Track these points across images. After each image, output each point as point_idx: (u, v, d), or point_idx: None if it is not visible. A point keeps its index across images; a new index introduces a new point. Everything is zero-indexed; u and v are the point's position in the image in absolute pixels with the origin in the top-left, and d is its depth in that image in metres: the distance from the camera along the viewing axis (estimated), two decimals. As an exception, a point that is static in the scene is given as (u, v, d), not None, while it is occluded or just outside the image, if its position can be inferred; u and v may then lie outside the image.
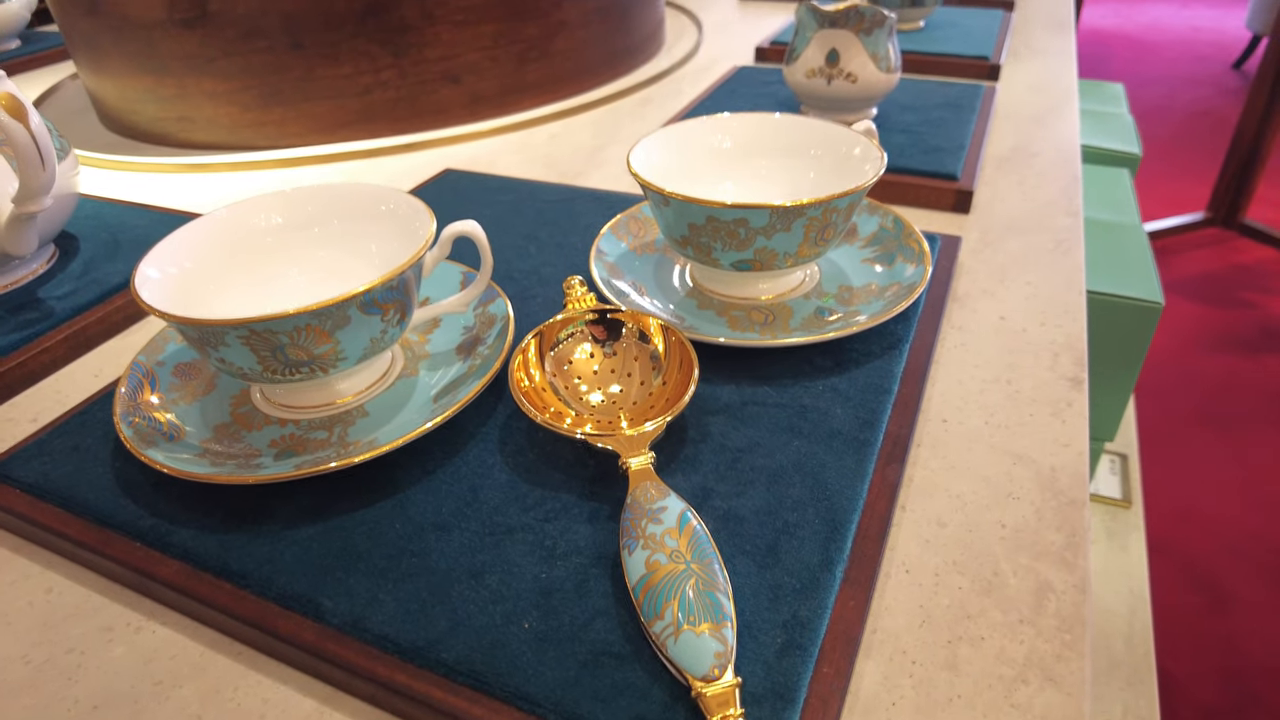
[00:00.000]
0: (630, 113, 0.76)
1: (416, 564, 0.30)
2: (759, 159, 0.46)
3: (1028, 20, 1.00)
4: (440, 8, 0.70)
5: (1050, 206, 0.56)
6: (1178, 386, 1.73)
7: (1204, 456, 1.52)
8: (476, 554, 0.30)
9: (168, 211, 0.59)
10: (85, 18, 0.73)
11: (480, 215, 0.55)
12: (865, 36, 0.60)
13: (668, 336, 0.36)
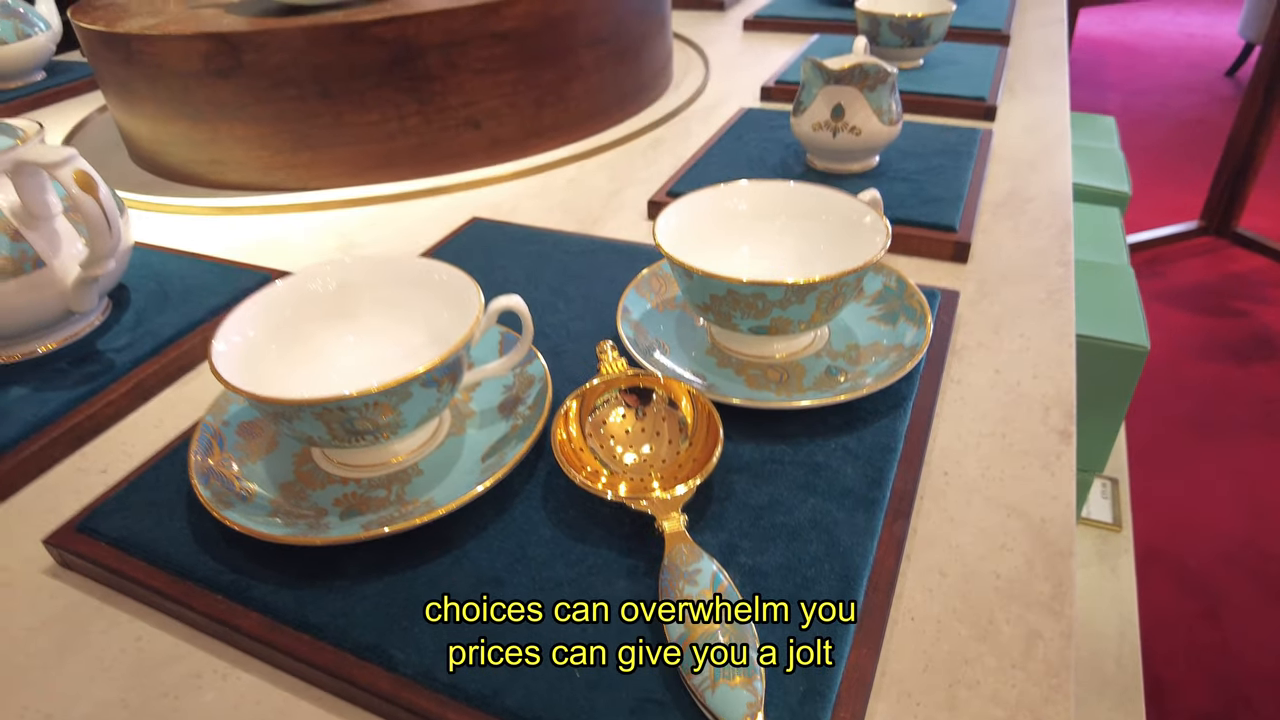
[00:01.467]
0: (642, 154, 0.80)
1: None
2: (774, 219, 0.50)
3: (1024, 52, 1.04)
4: (463, 57, 0.73)
5: (1043, 255, 0.60)
6: (1171, 395, 1.77)
7: (1197, 464, 1.56)
8: (529, 607, 0.33)
9: (210, 260, 0.63)
10: (121, 65, 0.77)
11: (509, 267, 0.59)
12: (869, 92, 0.63)
13: (695, 404, 0.39)
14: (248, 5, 0.79)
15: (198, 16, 0.77)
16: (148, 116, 0.79)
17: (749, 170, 0.70)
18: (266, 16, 0.74)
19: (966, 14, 1.12)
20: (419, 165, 0.77)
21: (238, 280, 0.59)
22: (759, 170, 0.70)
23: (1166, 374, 1.84)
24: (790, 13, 1.16)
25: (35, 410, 0.48)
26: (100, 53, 0.79)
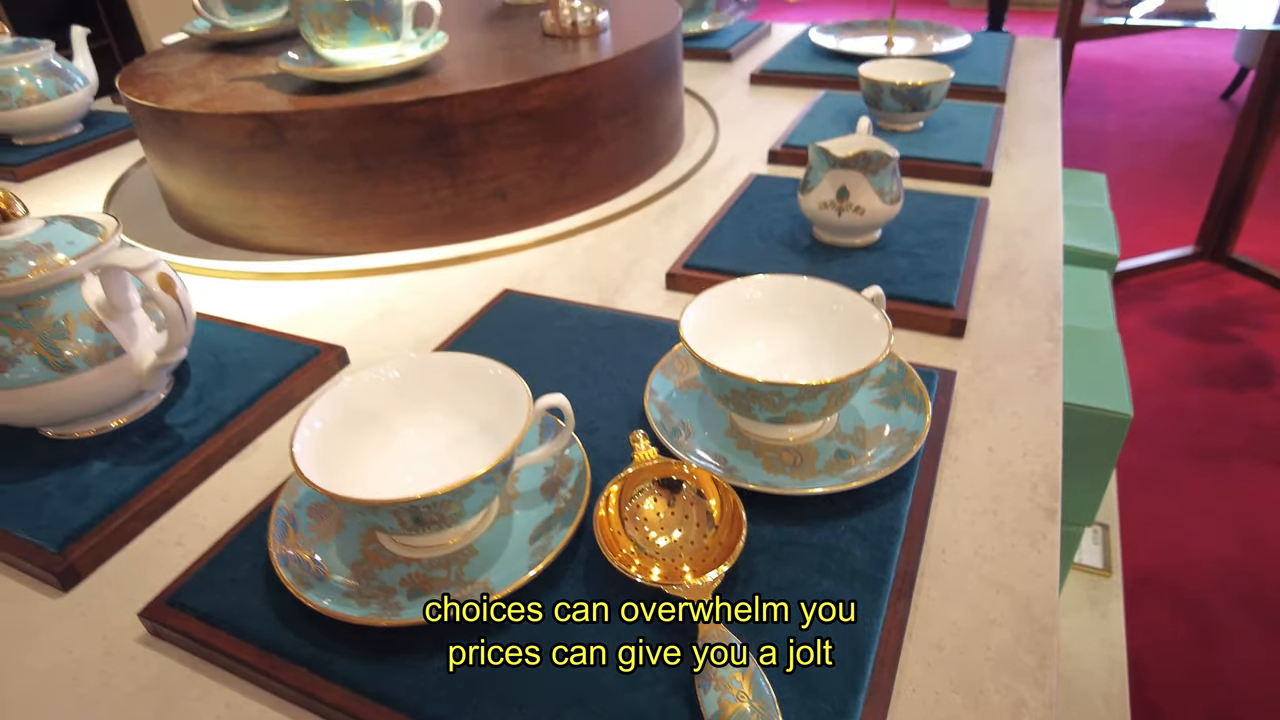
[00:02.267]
0: (656, 221, 0.85)
1: (532, 690, 0.38)
2: (788, 307, 0.54)
3: (1018, 110, 1.09)
4: (492, 134, 0.78)
5: (1034, 329, 0.65)
6: (1166, 421, 1.82)
7: (1191, 490, 1.61)
8: (578, 681, 0.38)
9: (260, 331, 0.67)
10: (169, 137, 0.82)
11: (540, 342, 0.64)
12: (872, 176, 0.68)
13: (721, 493, 0.44)
14: (286, 80, 0.84)
15: (240, 92, 0.82)
16: (191, 183, 0.84)
17: (759, 241, 0.75)
18: (305, 94, 0.79)
19: (964, 69, 1.17)
20: (449, 232, 0.82)
21: (288, 354, 0.64)
22: (768, 241, 0.75)
23: (1162, 400, 1.89)
24: (795, 67, 1.22)
25: (116, 486, 0.53)
26: (148, 124, 0.84)
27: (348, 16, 0.76)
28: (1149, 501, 1.56)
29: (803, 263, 0.71)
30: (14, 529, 0.50)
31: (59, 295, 0.52)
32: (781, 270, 0.70)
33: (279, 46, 1.00)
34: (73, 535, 0.49)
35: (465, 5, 1.12)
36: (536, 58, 0.84)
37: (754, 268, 0.71)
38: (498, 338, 0.65)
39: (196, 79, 0.89)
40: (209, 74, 0.90)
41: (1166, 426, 1.79)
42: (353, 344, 0.68)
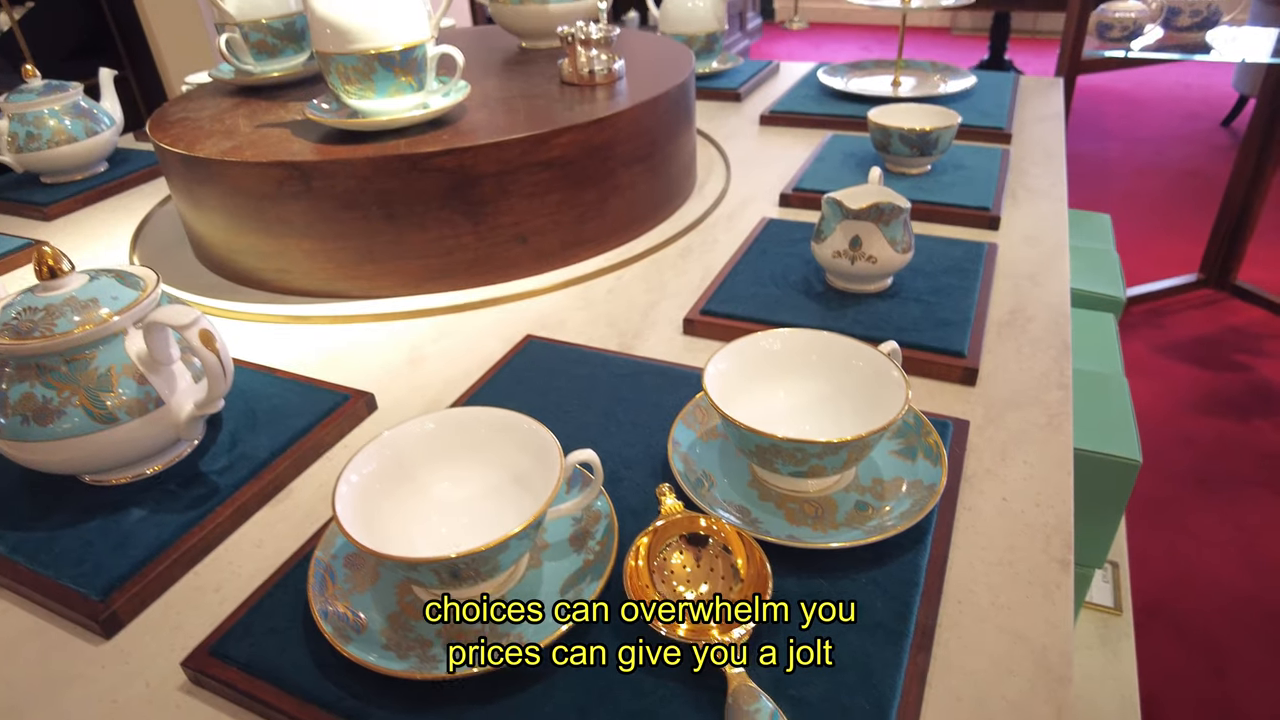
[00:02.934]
0: (673, 265, 0.87)
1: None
2: (809, 359, 0.56)
3: (1024, 152, 1.11)
4: (515, 184, 0.81)
5: (1044, 378, 0.67)
6: (1173, 450, 1.83)
7: (1199, 519, 1.61)
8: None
9: (291, 377, 0.69)
10: (199, 183, 0.85)
11: (562, 389, 0.65)
12: (884, 227, 0.70)
13: (746, 547, 0.46)
14: (311, 127, 0.87)
15: (268, 139, 0.84)
16: (219, 227, 0.87)
17: (773, 287, 0.77)
18: (331, 142, 0.82)
19: (970, 110, 1.20)
20: (472, 276, 0.84)
21: (318, 400, 0.66)
22: (782, 287, 0.77)
23: (1167, 429, 1.90)
24: (803, 108, 1.24)
25: (155, 534, 0.54)
26: (177, 169, 0.87)
27: (374, 69, 0.78)
28: (1156, 533, 1.57)
29: (817, 309, 0.73)
30: (57, 576, 0.52)
31: (103, 349, 0.54)
32: (796, 316, 0.72)
33: (301, 91, 1.03)
34: (114, 583, 0.51)
35: (483, 50, 1.15)
36: (556, 107, 0.86)
37: (769, 314, 0.72)
38: (522, 385, 0.66)
39: (225, 124, 0.91)
40: (236, 119, 0.93)
41: (1172, 455, 1.80)
42: (381, 389, 0.70)
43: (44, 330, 0.53)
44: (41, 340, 0.52)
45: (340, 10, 0.76)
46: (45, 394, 0.53)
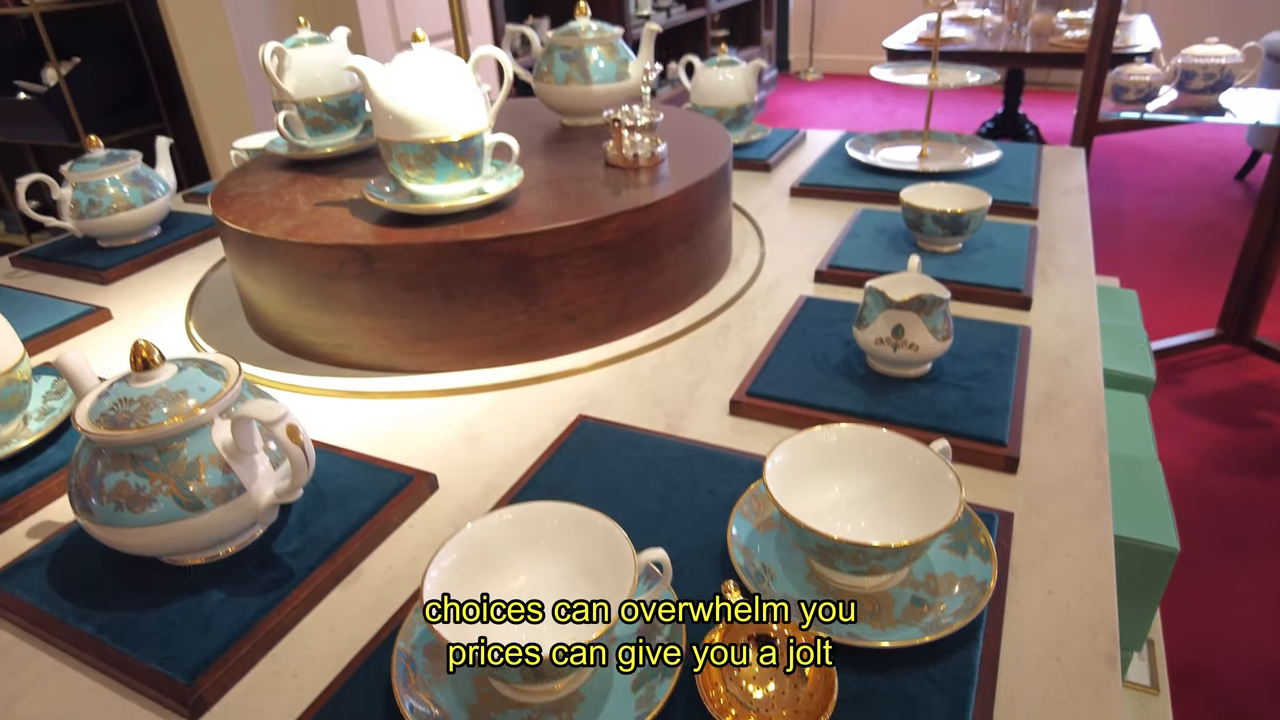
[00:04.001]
0: (714, 342, 0.90)
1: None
2: (865, 453, 0.59)
3: (1051, 227, 1.14)
4: (566, 266, 0.84)
5: (1082, 466, 0.69)
6: (1197, 509, 1.83)
7: (1227, 580, 1.61)
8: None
9: (355, 456, 0.72)
10: (262, 260, 0.88)
11: (617, 473, 0.68)
12: (926, 317, 0.73)
13: (812, 646, 0.48)
14: (369, 207, 0.91)
15: (329, 219, 0.88)
16: (278, 301, 0.90)
17: (815, 370, 0.79)
18: (390, 224, 0.85)
19: (996, 184, 1.23)
20: (523, 353, 0.87)
21: (383, 480, 0.69)
22: (824, 370, 0.79)
23: (1192, 488, 1.90)
24: (833, 181, 1.28)
25: (235, 617, 0.57)
26: (239, 245, 0.91)
27: (434, 156, 0.82)
28: (1185, 595, 1.56)
29: (860, 393, 0.75)
30: (145, 658, 0.54)
31: (192, 440, 0.57)
32: (840, 400, 0.75)
33: (354, 166, 1.08)
34: (200, 666, 0.53)
35: (527, 127, 1.20)
36: (604, 192, 0.90)
37: (813, 397, 0.75)
38: (578, 468, 0.69)
39: (284, 201, 0.96)
40: (295, 196, 0.97)
41: (1198, 514, 1.80)
42: (440, 468, 0.73)
43: (139, 422, 0.56)
44: (137, 431, 0.56)
45: (404, 101, 0.80)
46: (138, 482, 0.56)
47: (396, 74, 0.80)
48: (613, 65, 1.11)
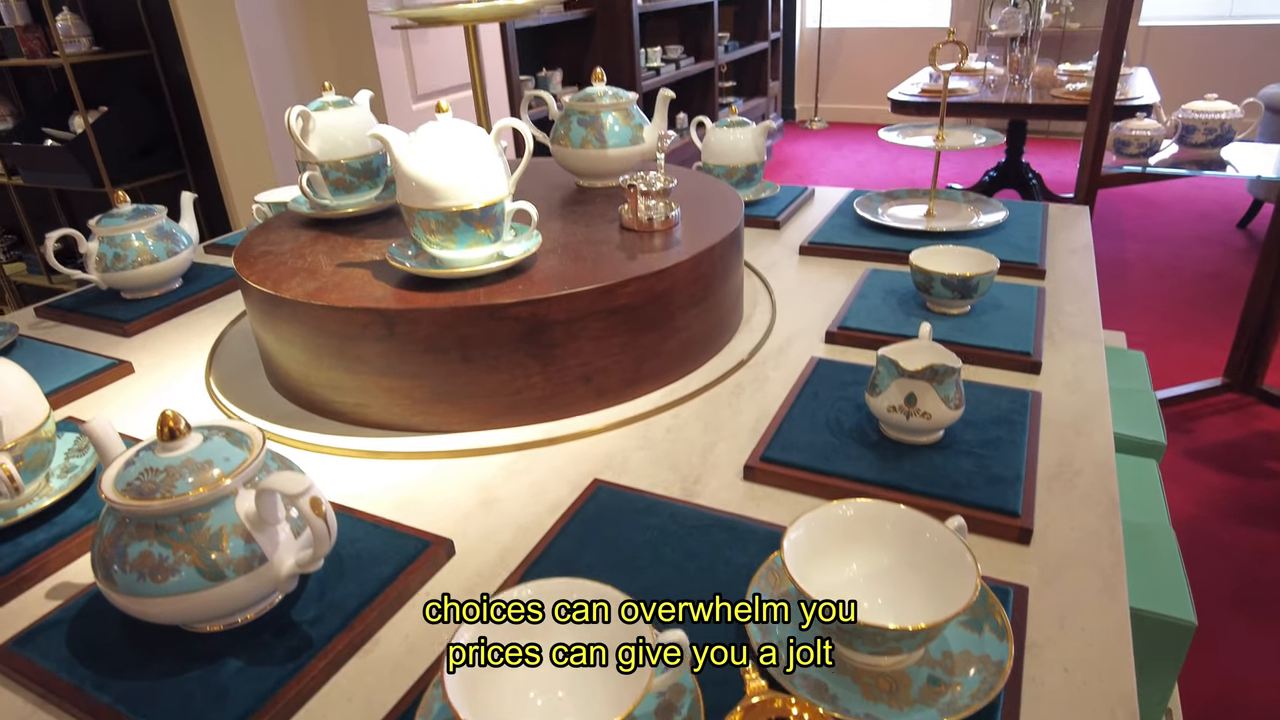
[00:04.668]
0: (728, 404, 0.91)
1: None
2: (883, 525, 0.59)
3: (1058, 288, 1.16)
4: (583, 329, 0.86)
5: (1095, 538, 0.69)
6: (1210, 561, 1.81)
7: (1241, 637, 1.59)
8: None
9: (373, 520, 0.73)
10: (284, 321, 0.90)
11: (633, 541, 0.69)
12: (938, 386, 0.74)
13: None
14: (390, 269, 0.93)
15: (351, 281, 0.90)
16: (298, 360, 0.92)
17: (829, 435, 0.80)
18: (410, 287, 0.87)
19: (1003, 244, 1.25)
20: (538, 413, 0.88)
21: (401, 546, 0.69)
22: (838, 435, 0.80)
23: (1203, 540, 1.88)
24: (841, 239, 1.30)
25: (253, 687, 0.57)
26: (262, 304, 0.93)
27: (456, 223, 0.84)
28: (1199, 654, 1.54)
29: (873, 459, 0.76)
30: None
31: (216, 510, 0.58)
32: (854, 467, 0.75)
33: (375, 225, 1.10)
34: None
35: (543, 188, 1.23)
36: (620, 256, 0.92)
37: (827, 464, 0.76)
38: (594, 535, 0.70)
39: (306, 261, 0.98)
40: (317, 256, 0.99)
41: (1210, 568, 1.78)
42: (456, 533, 0.73)
43: (165, 492, 0.57)
44: (163, 501, 0.57)
45: (428, 171, 0.82)
46: (161, 552, 0.57)
47: (421, 144, 0.83)
48: (627, 130, 1.14)
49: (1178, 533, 1.01)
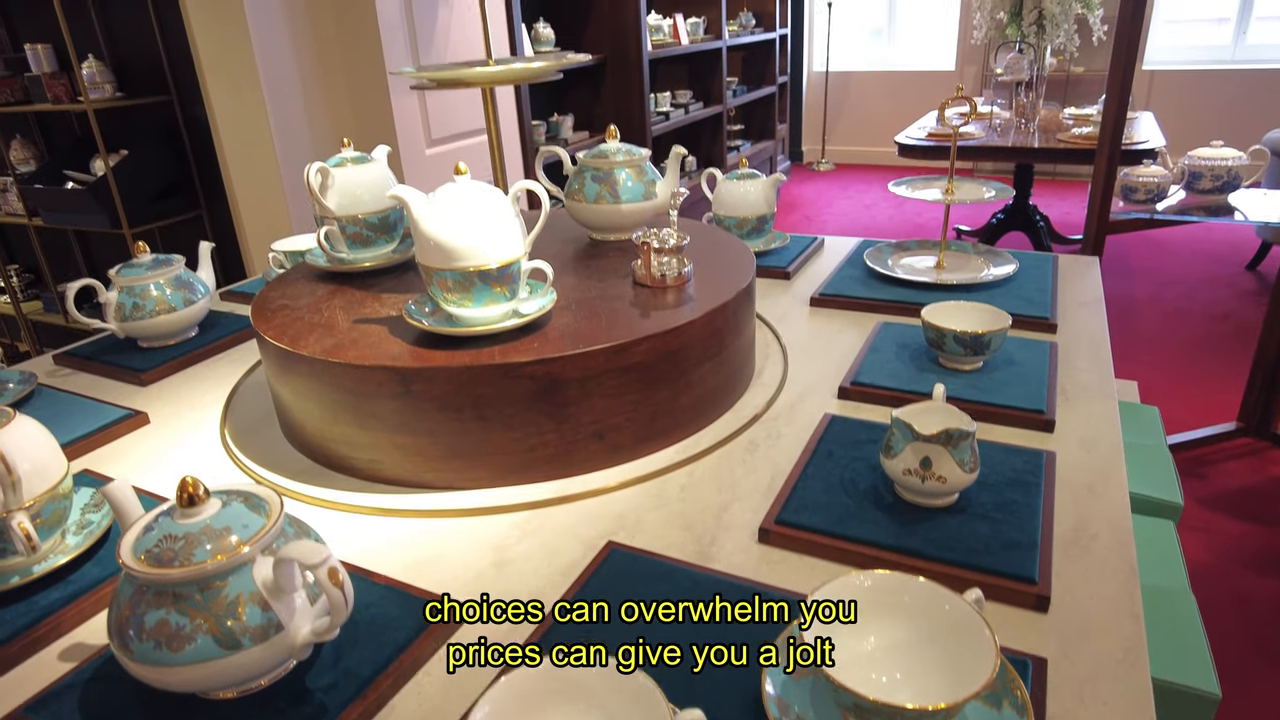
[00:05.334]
0: (741, 461, 0.91)
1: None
2: (901, 596, 0.59)
3: (1070, 343, 1.16)
4: (597, 387, 0.86)
5: (1114, 606, 0.68)
6: (1228, 612, 1.78)
7: (1265, 699, 1.56)
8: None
9: (387, 582, 0.73)
10: (301, 376, 0.91)
11: (648, 608, 0.68)
12: (953, 449, 0.74)
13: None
14: (406, 327, 0.93)
15: (367, 338, 0.91)
16: (314, 416, 0.93)
17: (844, 496, 0.80)
18: (427, 345, 0.88)
19: (1013, 297, 1.26)
20: (551, 470, 0.89)
21: (415, 610, 0.69)
22: (853, 496, 0.80)
23: (1220, 588, 1.85)
24: (852, 291, 1.31)
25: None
26: (279, 360, 0.94)
27: (473, 282, 0.86)
28: (1226, 714, 1.51)
29: (889, 523, 0.76)
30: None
31: (234, 578, 0.58)
32: (870, 531, 0.75)
33: (390, 279, 1.12)
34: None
35: (556, 242, 1.24)
36: (634, 313, 0.93)
37: (843, 527, 0.76)
38: (609, 601, 0.69)
39: (323, 316, 0.99)
40: (334, 312, 1.01)
41: (1229, 619, 1.75)
42: (470, 594, 0.73)
43: (183, 560, 0.57)
44: (181, 570, 0.57)
45: (446, 232, 0.84)
46: (179, 621, 0.57)
47: (439, 205, 0.84)
48: (640, 186, 1.15)
49: (1194, 584, 1.00)
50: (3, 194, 2.86)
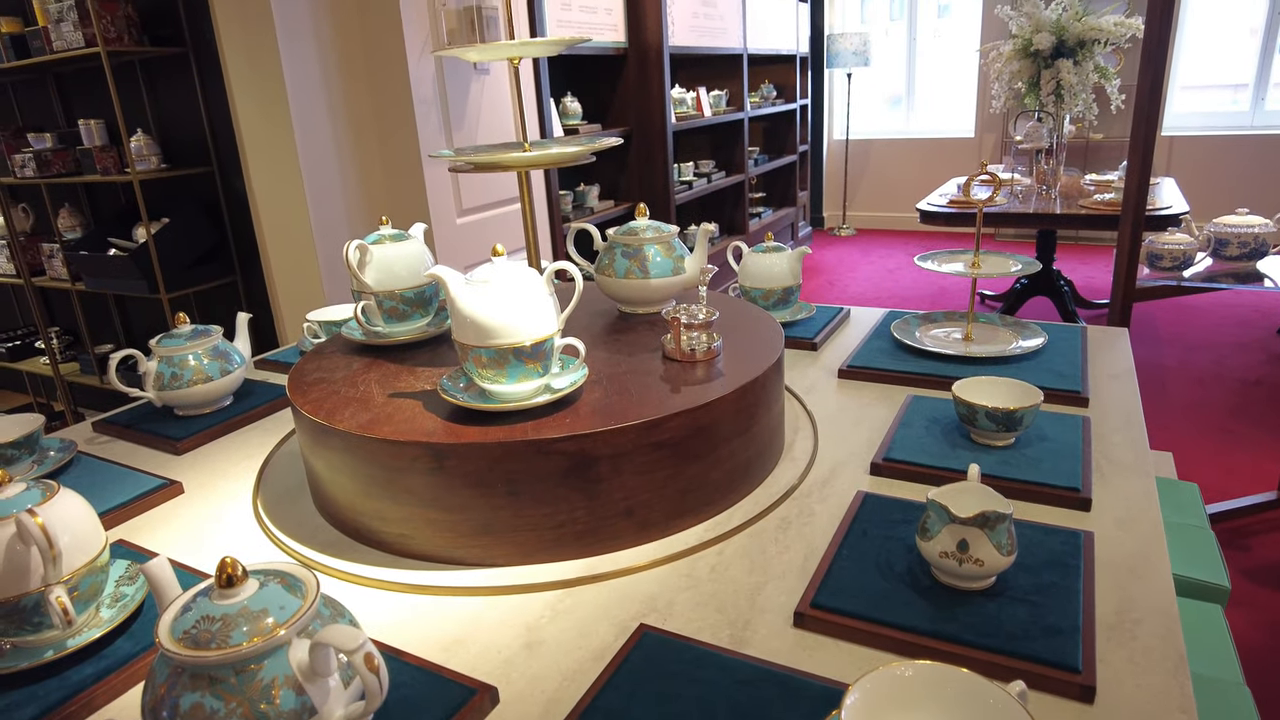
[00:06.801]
0: (774, 540, 0.90)
1: None
2: (944, 688, 0.57)
3: (1102, 416, 1.15)
4: (628, 463, 0.86)
5: (1164, 697, 0.66)
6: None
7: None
8: None
9: (418, 663, 0.72)
10: (335, 450, 0.92)
11: (683, 696, 0.67)
12: (990, 532, 0.73)
13: None
14: (440, 402, 0.94)
15: (402, 412, 0.93)
16: (347, 490, 0.93)
17: (880, 579, 0.79)
18: (459, 420, 0.89)
19: (1043, 370, 1.25)
20: (580, 548, 0.88)
21: (446, 693, 0.68)
22: (889, 579, 0.79)
23: (1270, 668, 1.78)
24: (879, 364, 1.31)
25: None
26: (314, 433, 0.95)
27: (508, 359, 0.87)
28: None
29: (927, 607, 0.75)
30: None
31: (270, 661, 0.58)
32: (907, 617, 0.74)
33: (425, 353, 1.13)
34: None
35: (585, 315, 1.26)
36: (664, 388, 0.94)
37: (880, 612, 0.74)
38: (642, 688, 0.68)
39: (359, 390, 1.01)
40: (370, 385, 1.02)
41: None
42: (500, 677, 0.72)
43: (220, 642, 0.57)
44: (218, 652, 0.57)
45: (483, 311, 0.86)
46: (213, 705, 0.57)
47: (476, 285, 0.86)
48: (669, 261, 1.18)
49: (1247, 672, 0.96)
50: (49, 260, 2.96)
